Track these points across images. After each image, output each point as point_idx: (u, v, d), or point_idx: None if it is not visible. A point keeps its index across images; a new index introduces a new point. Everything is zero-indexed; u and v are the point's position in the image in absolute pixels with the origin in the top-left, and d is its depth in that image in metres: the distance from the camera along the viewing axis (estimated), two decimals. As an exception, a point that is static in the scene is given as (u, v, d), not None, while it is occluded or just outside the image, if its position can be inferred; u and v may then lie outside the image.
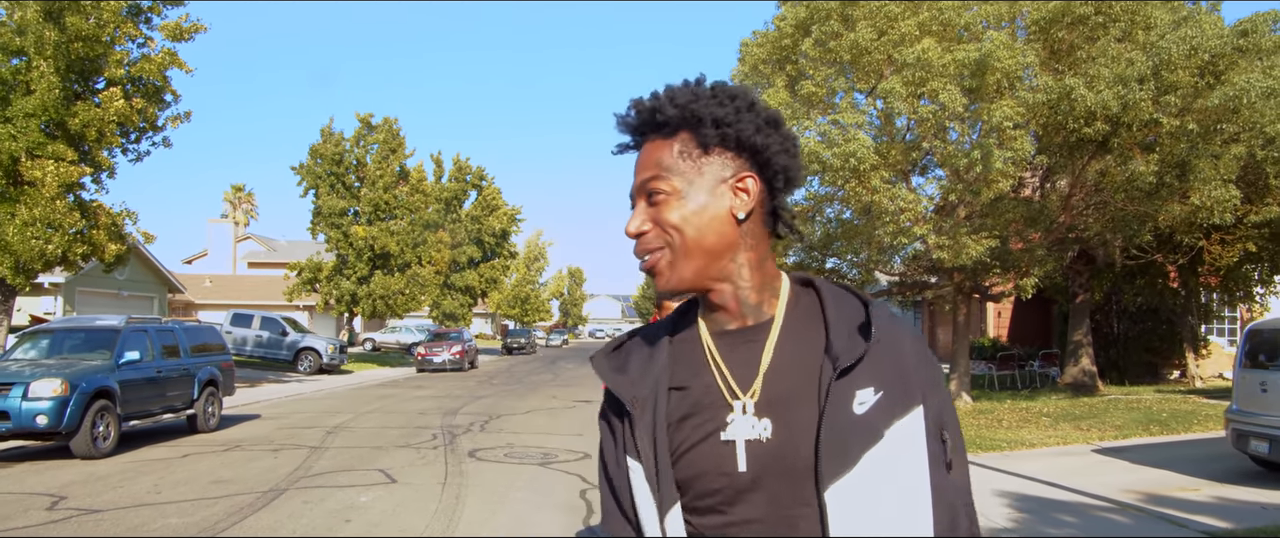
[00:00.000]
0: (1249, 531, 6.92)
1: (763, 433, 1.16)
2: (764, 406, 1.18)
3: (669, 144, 1.23)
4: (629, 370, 1.27)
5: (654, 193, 1.21)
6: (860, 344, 1.16)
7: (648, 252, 1.23)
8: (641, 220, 1.23)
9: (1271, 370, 8.84)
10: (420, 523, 7.10)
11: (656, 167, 1.22)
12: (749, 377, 1.20)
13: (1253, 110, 10.72)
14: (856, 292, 1.28)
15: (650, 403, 1.22)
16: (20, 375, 10.55)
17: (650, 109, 1.24)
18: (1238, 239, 14.59)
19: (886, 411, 1.15)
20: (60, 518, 7.38)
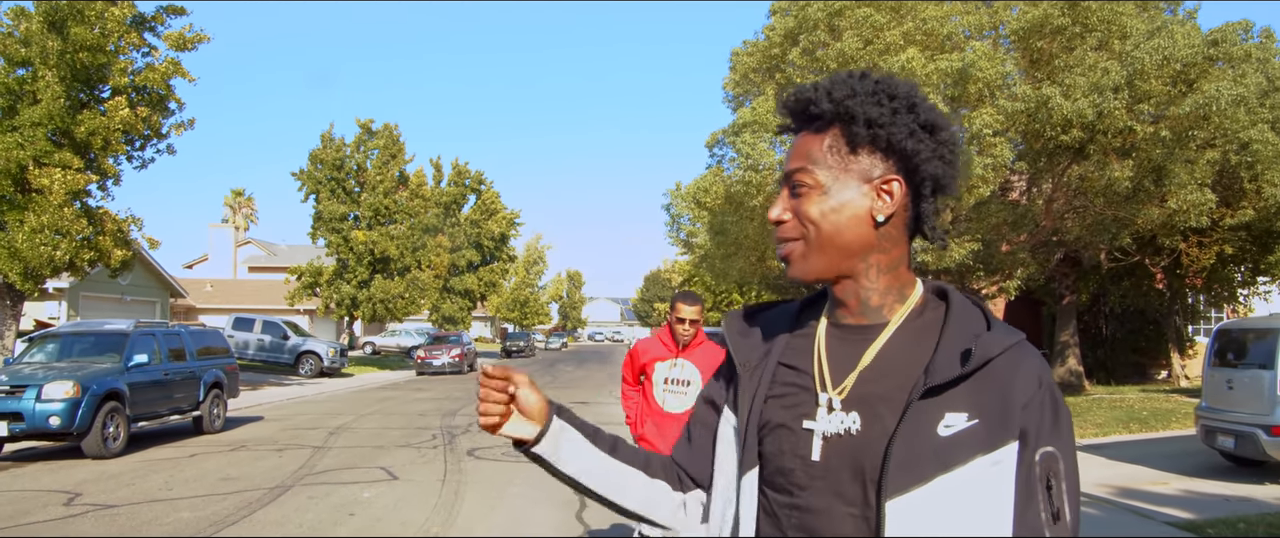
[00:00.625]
0: (1209, 520, 7.28)
1: (845, 428, 1.18)
2: (851, 403, 1.19)
3: (820, 138, 1.23)
4: (750, 336, 1.34)
5: (798, 185, 1.23)
6: (957, 367, 1.15)
7: (784, 240, 1.24)
8: (782, 209, 1.24)
9: (1238, 369, 9.21)
10: (421, 517, 7.45)
11: (805, 158, 1.23)
12: (844, 373, 1.22)
13: (1223, 117, 11.10)
14: (987, 312, 1.25)
15: (759, 372, 1.27)
16: (33, 378, 10.90)
17: (806, 100, 1.25)
18: (1214, 242, 14.97)
19: (975, 441, 1.13)
20: (77, 513, 7.73)
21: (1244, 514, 7.39)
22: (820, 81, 1.25)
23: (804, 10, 13.30)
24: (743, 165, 12.94)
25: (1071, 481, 1.16)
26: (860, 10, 12.62)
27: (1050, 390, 1.18)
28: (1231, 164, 12.55)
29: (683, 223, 19.89)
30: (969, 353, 1.15)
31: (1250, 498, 8.13)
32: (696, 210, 17.40)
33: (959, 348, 1.16)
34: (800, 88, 1.27)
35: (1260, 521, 7.12)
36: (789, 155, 1.26)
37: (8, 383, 10.82)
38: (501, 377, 1.28)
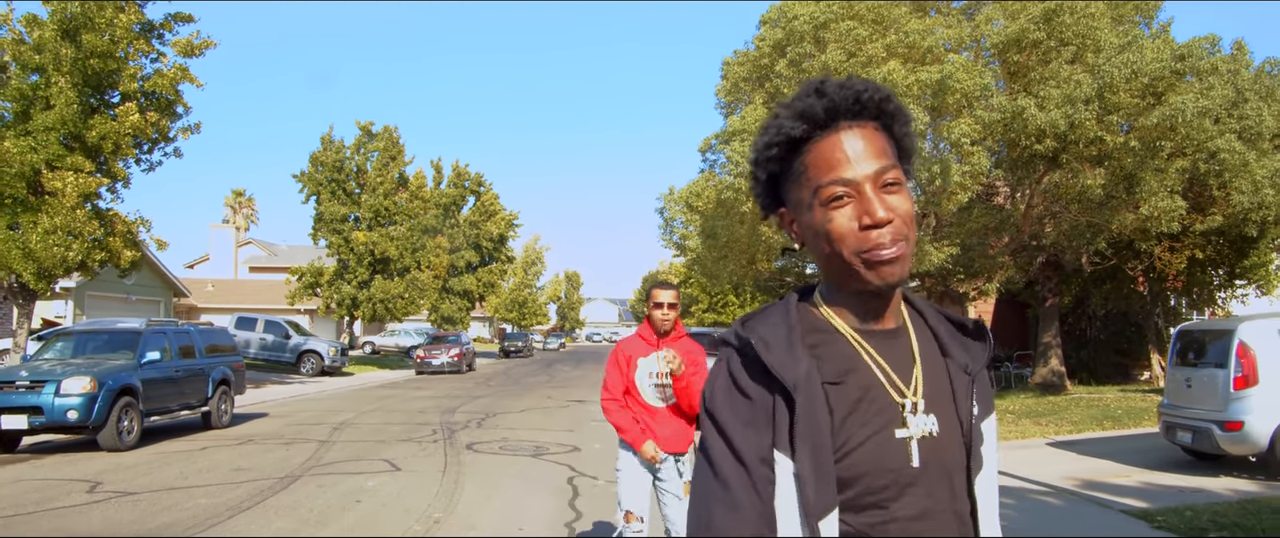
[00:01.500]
0: (1160, 509, 7.78)
1: (930, 429, 1.20)
2: (928, 403, 1.21)
3: (885, 136, 1.22)
4: (774, 349, 1.20)
5: (891, 183, 1.19)
6: (980, 351, 1.26)
7: (896, 240, 1.17)
8: (887, 207, 1.17)
9: (1197, 368, 9.72)
10: (423, 504, 7.95)
11: (887, 155, 1.20)
12: (907, 375, 1.22)
13: (1189, 128, 11.62)
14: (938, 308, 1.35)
15: (807, 393, 1.15)
16: (52, 374, 11.40)
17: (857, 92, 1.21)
18: (1186, 247, 15.50)
19: (983, 413, 1.26)
20: (101, 499, 8.23)
21: (1192, 504, 7.89)
22: (849, 80, 1.23)
23: (791, 23, 13.82)
24: (733, 172, 13.47)
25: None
26: (844, 24, 13.14)
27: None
28: (1201, 172, 13.08)
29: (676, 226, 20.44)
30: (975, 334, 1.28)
31: (1203, 490, 8.64)
32: (689, 214, 17.94)
33: (950, 335, 1.28)
34: (849, 81, 1.22)
35: (1207, 509, 7.62)
36: (862, 151, 1.18)
37: (28, 378, 11.31)
38: None
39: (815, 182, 1.19)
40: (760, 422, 1.17)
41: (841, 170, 1.17)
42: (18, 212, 16.09)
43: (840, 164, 1.18)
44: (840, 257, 1.18)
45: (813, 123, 1.19)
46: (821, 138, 1.19)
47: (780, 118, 1.22)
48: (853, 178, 1.17)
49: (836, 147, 1.18)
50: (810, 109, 1.19)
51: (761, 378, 1.18)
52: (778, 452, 1.15)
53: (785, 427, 1.15)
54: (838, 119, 1.19)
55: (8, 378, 11.39)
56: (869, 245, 1.16)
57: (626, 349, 4.55)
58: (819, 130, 1.19)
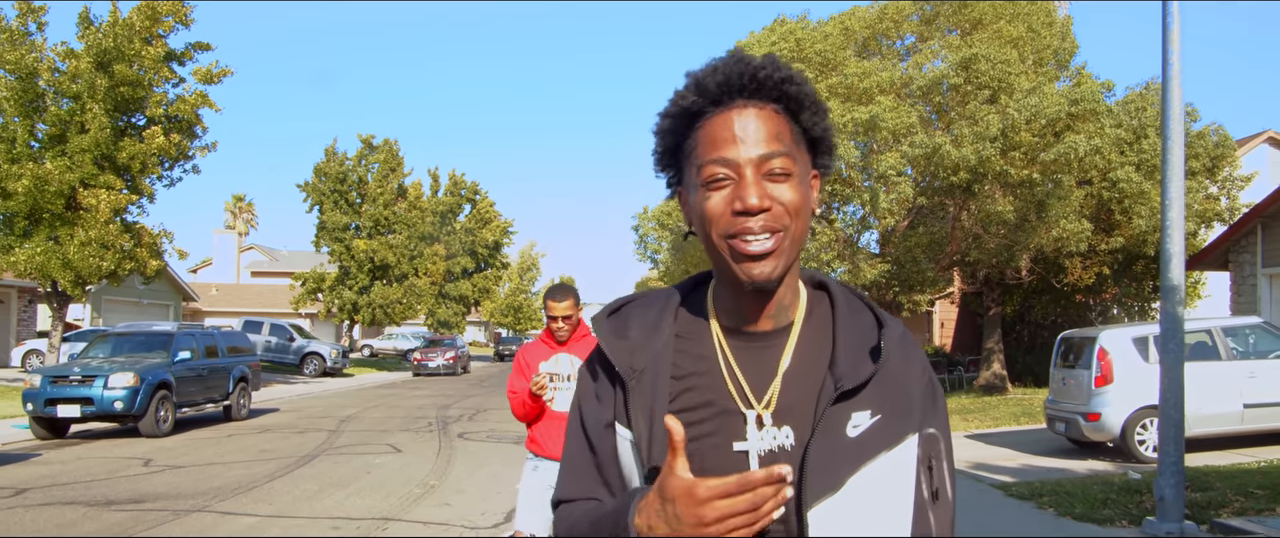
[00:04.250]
0: (1019, 482, 9.59)
1: (781, 443, 1.11)
2: (779, 416, 1.12)
3: (781, 119, 1.12)
4: (629, 335, 1.20)
5: (776, 171, 1.09)
6: (867, 367, 1.12)
7: (771, 231, 1.08)
8: (764, 194, 1.08)
9: (1072, 369, 11.55)
10: (422, 475, 9.75)
11: (778, 140, 1.10)
12: (763, 385, 1.14)
13: (1082, 163, 13.44)
14: (872, 305, 1.22)
15: (650, 378, 1.15)
16: (100, 370, 13.18)
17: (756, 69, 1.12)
18: (1094, 264, 17.36)
19: (881, 436, 1.10)
20: (157, 470, 10.03)
21: (1046, 479, 9.70)
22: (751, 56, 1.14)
23: (750, 63, 15.59)
24: (694, 196, 15.26)
25: (949, 460, 1.19)
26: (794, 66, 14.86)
27: (932, 377, 1.20)
28: (1104, 199, 14.90)
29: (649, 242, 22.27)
30: (876, 350, 1.13)
31: (1065, 469, 10.45)
32: (660, 231, 19.78)
33: (859, 345, 1.14)
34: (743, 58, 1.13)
35: (1052, 482, 9.43)
36: (752, 133, 1.10)
37: (79, 374, 13.10)
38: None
39: (700, 160, 1.12)
40: (604, 397, 1.19)
41: (725, 150, 1.10)
42: (56, 226, 17.88)
43: (725, 143, 1.10)
44: (711, 240, 1.11)
45: (705, 96, 1.12)
46: (714, 114, 1.12)
47: (680, 89, 1.16)
48: (734, 159, 1.09)
49: (726, 125, 1.11)
50: (704, 81, 1.13)
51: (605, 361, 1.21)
52: (618, 424, 1.16)
53: (623, 405, 1.16)
54: (733, 96, 1.12)
55: (62, 373, 13.19)
56: (736, 230, 1.08)
57: (528, 355, 4.52)
58: (713, 106, 1.12)
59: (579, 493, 1.20)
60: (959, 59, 14.27)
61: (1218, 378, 10.73)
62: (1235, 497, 8.11)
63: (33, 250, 17.28)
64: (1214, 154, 17.36)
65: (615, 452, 1.18)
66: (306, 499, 8.28)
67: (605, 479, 1.19)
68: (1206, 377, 10.68)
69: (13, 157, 17.55)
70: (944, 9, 16.36)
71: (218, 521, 7.31)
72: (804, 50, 15.45)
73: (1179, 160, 7.38)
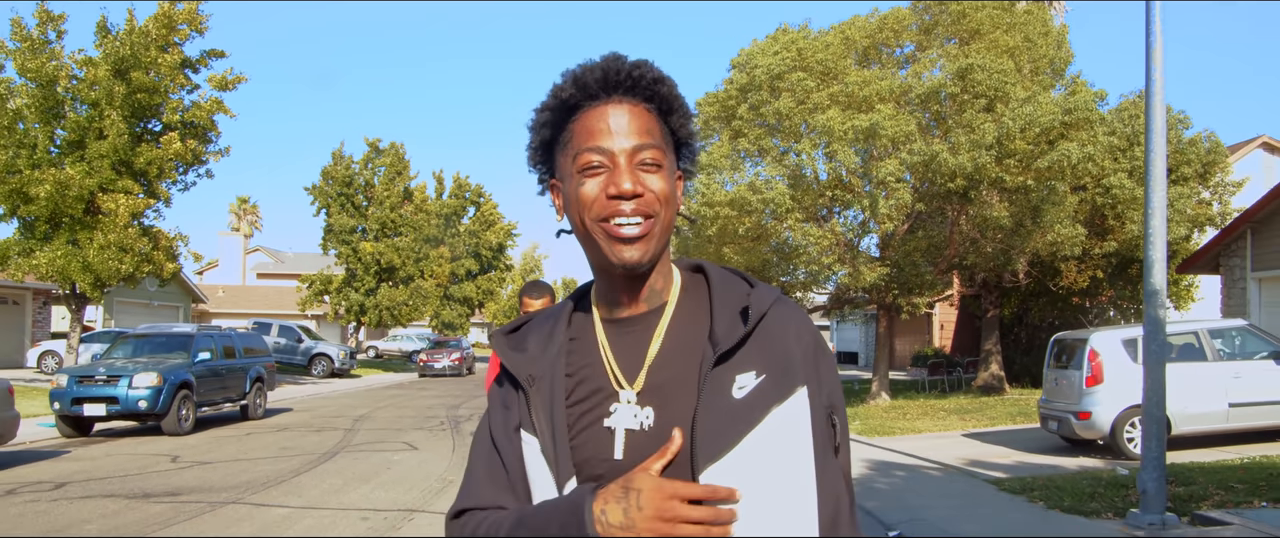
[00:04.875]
0: (1011, 477, 10.01)
1: (645, 422, 1.17)
2: (647, 394, 1.18)
3: (652, 116, 1.21)
4: (527, 349, 1.28)
5: (648, 163, 1.18)
6: (739, 328, 1.17)
7: (642, 216, 1.17)
8: (637, 181, 1.17)
9: (1064, 370, 11.97)
10: (439, 470, 10.19)
11: (649, 134, 1.19)
12: (635, 366, 1.21)
13: (1075, 171, 13.87)
14: (745, 276, 1.27)
15: (547, 382, 1.22)
16: (124, 369, 13.62)
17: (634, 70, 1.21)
18: (1088, 267, 17.80)
19: (767, 395, 1.14)
20: (186, 466, 10.47)
21: (1038, 475, 10.13)
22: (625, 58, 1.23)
23: (753, 71, 16.08)
24: (699, 202, 15.73)
25: (843, 415, 1.24)
26: (796, 74, 15.39)
27: (813, 334, 1.24)
28: (1098, 205, 15.33)
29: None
30: (746, 312, 1.19)
31: (1056, 465, 10.87)
32: (665, 234, 20.10)
33: (733, 311, 1.20)
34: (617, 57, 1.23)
35: (1043, 477, 9.85)
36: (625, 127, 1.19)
37: (104, 373, 13.54)
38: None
39: (576, 149, 1.20)
40: (511, 405, 1.26)
41: (601, 139, 1.18)
42: (76, 229, 18.32)
43: (601, 134, 1.18)
44: (584, 224, 1.19)
45: (583, 91, 1.20)
46: (590, 107, 1.20)
47: (559, 83, 1.23)
48: (609, 148, 1.18)
49: (602, 117, 1.19)
50: (583, 77, 1.21)
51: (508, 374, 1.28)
52: (524, 431, 1.22)
53: (526, 409, 1.23)
54: (609, 92, 1.20)
55: (88, 373, 13.63)
56: (609, 213, 1.16)
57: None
58: (589, 100, 1.21)
59: (485, 501, 1.23)
60: (956, 69, 14.71)
61: (1204, 378, 11.14)
62: (1216, 491, 8.53)
63: (53, 253, 17.72)
64: (1206, 160, 17.80)
65: (522, 459, 1.23)
66: (334, 492, 8.71)
67: (512, 487, 1.23)
68: (1193, 377, 11.11)
69: (34, 162, 17.99)
70: (943, 18, 16.82)
71: (253, 512, 7.75)
72: (805, 59, 15.90)
73: (1161, 173, 7.79)
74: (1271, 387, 11.19)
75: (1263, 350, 11.56)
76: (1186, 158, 17.55)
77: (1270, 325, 14.70)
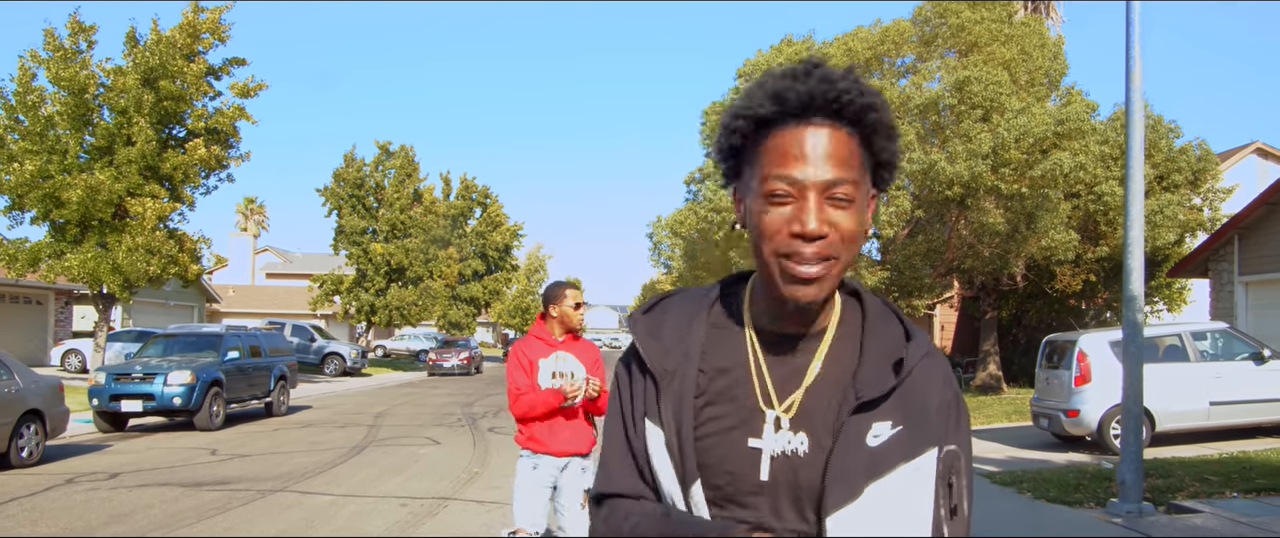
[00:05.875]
0: (1001, 471, 10.63)
1: (795, 447, 1.15)
2: (798, 421, 1.16)
3: (852, 142, 1.13)
4: (662, 337, 1.23)
5: (840, 198, 1.11)
6: (888, 380, 1.14)
7: (823, 258, 1.11)
8: (822, 220, 1.10)
9: (1055, 370, 12.59)
10: (464, 463, 10.83)
11: (845, 166, 1.11)
12: (789, 388, 1.17)
13: (1067, 179, 14.50)
14: (903, 318, 1.24)
15: (679, 377, 1.19)
16: (160, 368, 14.28)
17: (837, 90, 1.11)
18: (1081, 272, 18.44)
19: (901, 447, 1.13)
20: (225, 459, 11.12)
21: (1028, 469, 10.75)
22: (837, 74, 1.12)
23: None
24: (707, 208, 16.36)
25: (969, 477, 1.19)
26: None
27: (956, 392, 1.20)
28: (1090, 211, 15.96)
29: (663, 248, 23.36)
30: (899, 363, 1.15)
31: (1046, 460, 11.50)
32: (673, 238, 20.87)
33: (884, 357, 1.16)
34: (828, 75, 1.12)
35: (1033, 471, 10.48)
36: (821, 153, 1.10)
37: (140, 372, 14.21)
38: None
39: (764, 170, 1.12)
40: (639, 393, 1.23)
41: (792, 167, 1.10)
42: (105, 233, 18.99)
43: (793, 161, 1.10)
44: (763, 254, 1.13)
45: (783, 107, 1.12)
46: (788, 126, 1.12)
47: (757, 90, 1.15)
48: (800, 179, 1.10)
49: (798, 141, 1.11)
50: (784, 92, 1.12)
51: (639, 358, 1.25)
52: (649, 420, 1.20)
53: (654, 401, 1.20)
54: (812, 114, 1.11)
55: (125, 371, 14.31)
56: (790, 251, 1.10)
57: (527, 352, 4.54)
58: (789, 118, 1.12)
59: (626, 489, 1.22)
60: (953, 81, 15.33)
61: (1187, 378, 11.77)
62: (1192, 483, 9.17)
63: (84, 256, 18.39)
64: (1197, 168, 18.40)
65: (648, 449, 1.21)
66: (371, 482, 9.37)
67: (643, 475, 1.22)
68: (1177, 377, 11.74)
69: (64, 167, 18.66)
70: (942, 31, 17.44)
71: (300, 499, 8.40)
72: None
73: (1139, 190, 8.41)
74: (1250, 386, 11.82)
75: (1243, 352, 12.18)
76: (1177, 165, 18.16)
77: (1257, 327, 15.33)
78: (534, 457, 4.46)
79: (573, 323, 4.56)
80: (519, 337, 5.25)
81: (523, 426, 4.50)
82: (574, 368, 4.50)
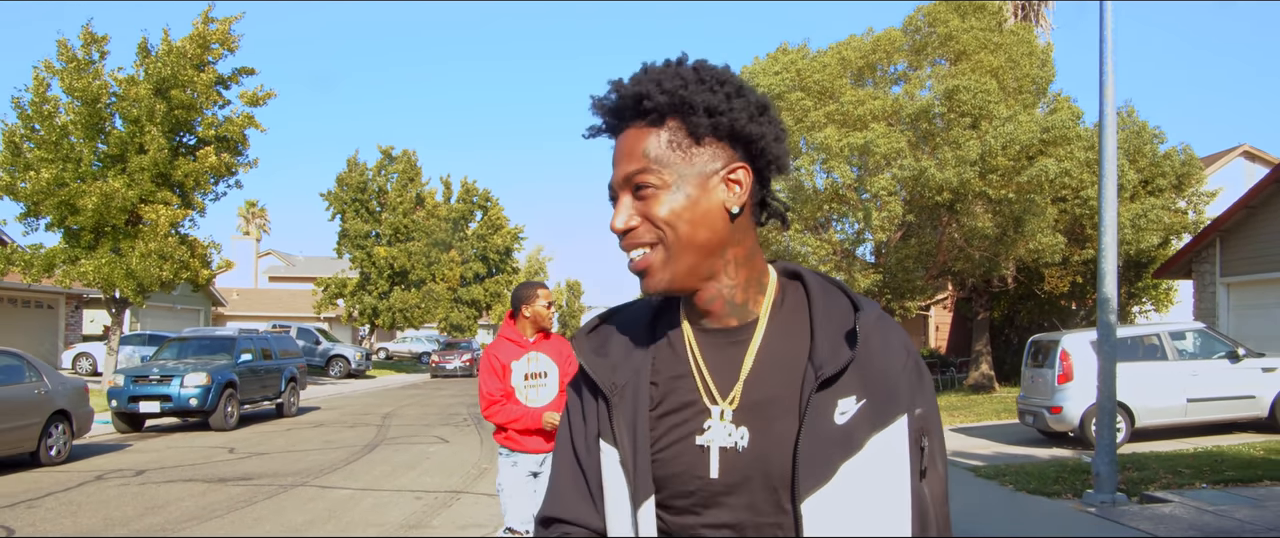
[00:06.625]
0: (986, 465, 11.14)
1: (739, 441, 1.13)
2: (743, 413, 1.14)
3: (655, 132, 1.15)
4: (609, 354, 1.23)
5: (642, 186, 1.14)
6: (845, 352, 1.12)
7: (637, 247, 1.15)
8: (629, 215, 1.15)
9: (1040, 368, 13.09)
10: (472, 460, 11.33)
11: (643, 158, 1.14)
12: (729, 381, 1.16)
13: (1052, 185, 15.04)
14: (847, 289, 1.22)
15: (630, 392, 1.18)
16: (176, 370, 14.79)
17: (635, 94, 1.15)
18: (1068, 273, 18.98)
19: (868, 420, 1.11)
20: (243, 457, 11.62)
21: (1012, 463, 11.25)
22: (641, 73, 1.18)
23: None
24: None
25: (939, 437, 1.20)
26: (794, 94, 16.58)
27: (914, 356, 1.19)
28: (1077, 215, 16.50)
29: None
30: (852, 335, 1.13)
31: (1030, 455, 11.99)
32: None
33: (836, 331, 1.14)
34: (619, 82, 1.18)
35: (1016, 465, 10.98)
36: (621, 155, 1.17)
37: (158, 373, 14.71)
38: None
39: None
40: (589, 414, 1.22)
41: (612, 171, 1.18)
42: (119, 239, 19.49)
43: (613, 164, 1.18)
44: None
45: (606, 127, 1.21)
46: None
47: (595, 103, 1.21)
48: (612, 182, 1.18)
49: (616, 147, 1.18)
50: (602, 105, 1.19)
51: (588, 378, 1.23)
52: (603, 441, 1.19)
53: (607, 419, 1.19)
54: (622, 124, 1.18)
55: (143, 373, 14.82)
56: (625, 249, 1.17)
57: (499, 355, 4.57)
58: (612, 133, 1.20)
59: (569, 514, 1.22)
60: (943, 89, 15.87)
61: (1165, 376, 12.28)
62: (1165, 475, 9.66)
63: (98, 261, 18.88)
64: (1181, 172, 18.93)
65: (600, 470, 1.20)
66: (385, 477, 9.87)
67: (593, 498, 1.21)
68: (1155, 375, 12.26)
69: (79, 175, 19.15)
70: (932, 40, 17.97)
71: (321, 492, 8.90)
72: (804, 79, 17.06)
73: (1112, 199, 8.92)
74: (1226, 384, 12.33)
75: (1219, 351, 12.69)
76: (1162, 170, 18.69)
77: (1239, 327, 15.85)
78: (512, 455, 4.54)
79: (544, 322, 4.63)
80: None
81: (501, 428, 4.58)
82: (547, 367, 4.56)
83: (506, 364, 4.50)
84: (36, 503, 8.42)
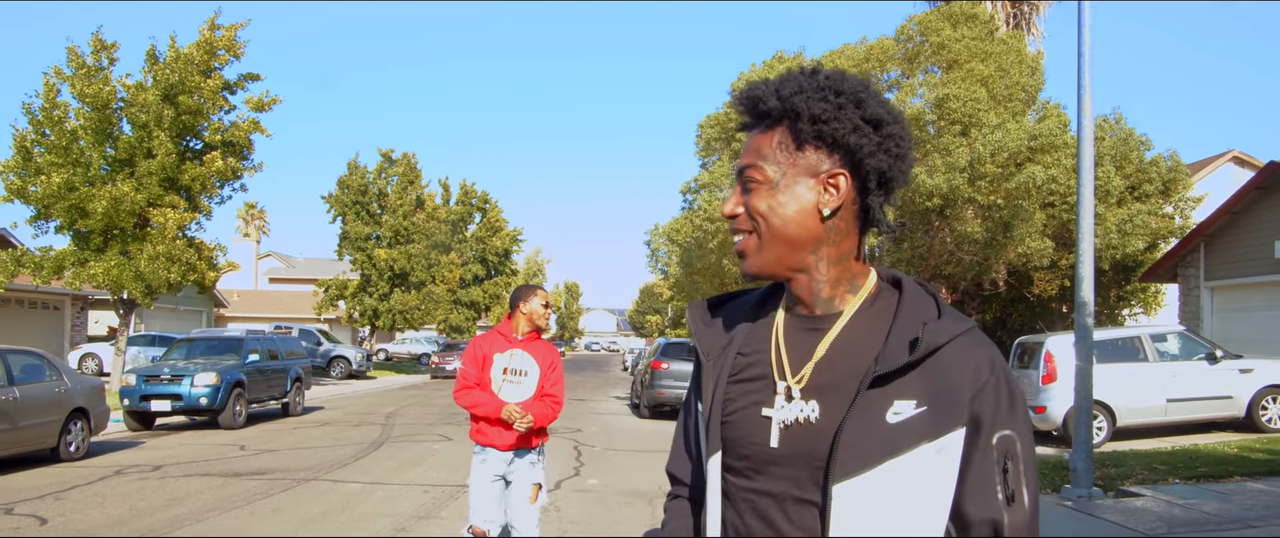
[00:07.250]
0: (974, 463, 11.56)
1: (804, 416, 1.23)
2: (807, 393, 1.24)
3: (770, 134, 1.28)
4: (713, 325, 1.39)
5: (749, 180, 1.27)
6: (903, 356, 1.18)
7: (738, 233, 1.30)
8: (735, 203, 1.30)
9: (1026, 370, 13.51)
10: (477, 457, 11.73)
11: (755, 154, 1.28)
12: (801, 362, 1.26)
13: (1040, 191, 15.47)
14: (940, 303, 1.28)
15: (720, 359, 1.33)
16: (187, 370, 15.18)
17: (756, 98, 1.29)
18: (1057, 276, 19.43)
19: (922, 427, 1.16)
20: (254, 454, 12.01)
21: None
22: (771, 79, 1.30)
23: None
24: (702, 217, 17.30)
25: (1028, 462, 1.20)
26: (790, 101, 16.90)
27: (1004, 376, 1.21)
28: (1065, 220, 16.93)
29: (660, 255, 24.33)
30: (916, 341, 1.19)
31: (1015, 453, 12.40)
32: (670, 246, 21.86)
33: (908, 336, 1.20)
34: (752, 85, 1.31)
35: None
36: (744, 150, 1.30)
37: (169, 373, 15.11)
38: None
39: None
40: (696, 376, 1.39)
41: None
42: (127, 242, 19.88)
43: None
44: None
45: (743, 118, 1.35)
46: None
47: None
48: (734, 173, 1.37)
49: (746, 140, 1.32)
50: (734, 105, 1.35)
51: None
52: (695, 398, 1.37)
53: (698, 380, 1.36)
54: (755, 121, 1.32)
55: (154, 373, 15.21)
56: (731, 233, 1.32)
57: (484, 345, 4.71)
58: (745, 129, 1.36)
59: (677, 470, 1.44)
60: (933, 98, 16.29)
61: (1145, 377, 12.71)
62: (1142, 471, 10.08)
63: (107, 264, 19.27)
64: (1167, 178, 19.37)
65: (697, 426, 1.36)
66: (394, 472, 10.27)
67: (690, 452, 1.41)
68: (1136, 376, 12.69)
69: (88, 179, 19.55)
70: (924, 49, 18.39)
71: (333, 486, 9.30)
72: (799, 87, 17.43)
73: (1089, 207, 9.32)
74: (1204, 385, 12.77)
75: (1198, 353, 13.12)
76: (1148, 176, 19.12)
77: (1222, 330, 16.28)
78: (483, 451, 4.61)
79: (539, 322, 4.73)
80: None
81: (474, 421, 4.67)
82: (528, 367, 4.63)
83: (489, 356, 4.63)
84: (64, 495, 8.82)
